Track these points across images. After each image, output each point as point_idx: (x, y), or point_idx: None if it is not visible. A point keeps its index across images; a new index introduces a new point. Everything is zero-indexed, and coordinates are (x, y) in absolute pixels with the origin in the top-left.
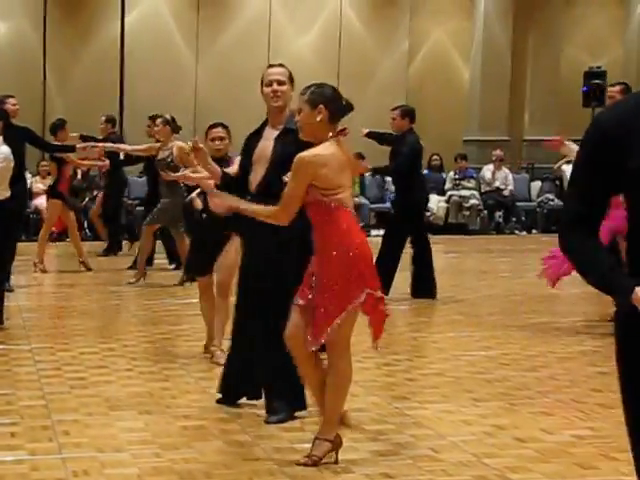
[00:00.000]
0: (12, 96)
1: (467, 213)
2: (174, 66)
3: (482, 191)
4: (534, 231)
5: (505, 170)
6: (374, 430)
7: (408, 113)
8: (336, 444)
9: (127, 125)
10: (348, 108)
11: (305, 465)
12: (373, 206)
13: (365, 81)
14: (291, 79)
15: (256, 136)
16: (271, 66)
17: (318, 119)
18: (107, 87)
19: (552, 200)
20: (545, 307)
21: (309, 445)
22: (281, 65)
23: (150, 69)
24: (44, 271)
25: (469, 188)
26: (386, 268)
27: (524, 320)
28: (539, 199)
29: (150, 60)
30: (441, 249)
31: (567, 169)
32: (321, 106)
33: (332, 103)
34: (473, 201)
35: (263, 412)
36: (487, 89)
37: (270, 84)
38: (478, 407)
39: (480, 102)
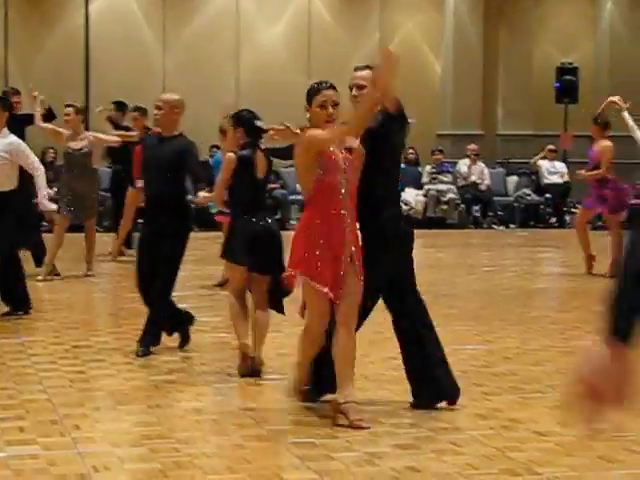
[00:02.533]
0: (19, 92)
1: (445, 207)
2: (141, 55)
3: (459, 185)
4: (512, 226)
5: (481, 164)
6: (390, 424)
7: None
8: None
9: (93, 115)
10: None
11: (360, 428)
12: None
13: (336, 74)
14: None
15: None
16: (356, 69)
17: None
18: (71, 76)
19: (529, 195)
20: (537, 301)
21: (328, 439)
22: (367, 67)
23: (116, 58)
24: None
25: (446, 182)
26: None
27: (519, 314)
28: (516, 194)
29: (116, 49)
30: (421, 243)
31: (543, 164)
32: None
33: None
34: (450, 195)
35: (274, 406)
36: (459, 83)
37: (350, 88)
38: (490, 401)
39: (452, 96)
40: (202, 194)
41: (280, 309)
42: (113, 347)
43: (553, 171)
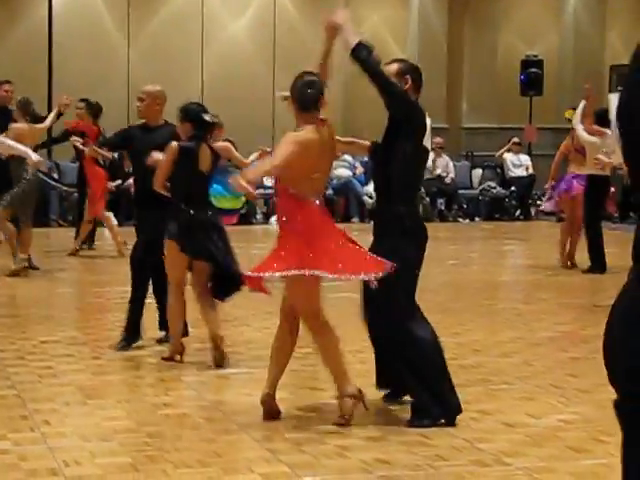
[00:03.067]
0: (8, 81)
1: None
2: (105, 49)
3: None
4: (477, 219)
5: (445, 157)
6: (360, 416)
7: None
8: (358, 397)
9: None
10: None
11: (340, 425)
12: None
13: (302, 67)
14: None
15: None
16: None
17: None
18: (35, 70)
19: (494, 188)
20: (503, 294)
21: (298, 432)
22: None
23: (80, 50)
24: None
25: None
26: None
27: (486, 307)
28: (481, 187)
29: (80, 41)
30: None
31: (508, 157)
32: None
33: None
34: None
35: (243, 399)
36: (424, 77)
37: None
38: (459, 393)
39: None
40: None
41: (222, 298)
42: (81, 342)
43: (518, 164)
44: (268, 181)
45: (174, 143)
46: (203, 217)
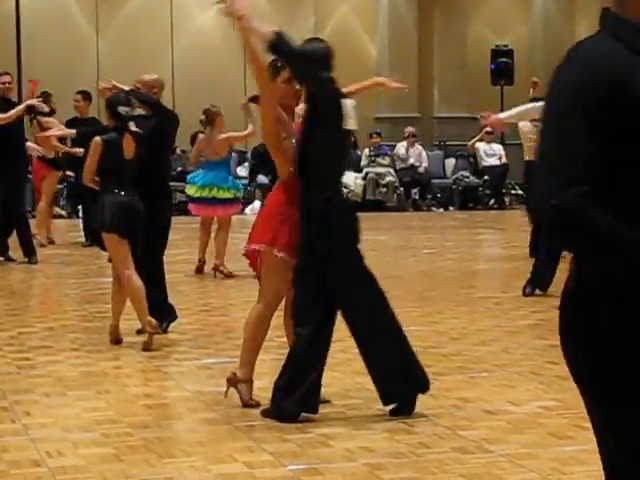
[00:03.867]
0: (7, 73)
1: (384, 190)
2: (74, 40)
3: (397, 168)
4: (451, 208)
5: (418, 147)
6: (342, 405)
7: None
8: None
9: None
10: None
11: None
12: None
13: (270, 57)
14: None
15: None
16: None
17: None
18: (3, 61)
19: (467, 177)
20: (480, 282)
21: (283, 423)
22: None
23: (48, 43)
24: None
25: (384, 165)
26: None
27: (463, 295)
28: (454, 176)
29: (48, 35)
30: (362, 226)
31: (480, 146)
32: None
33: None
34: (389, 178)
35: (224, 389)
36: (395, 66)
37: None
38: (439, 381)
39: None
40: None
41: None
42: (59, 333)
43: (491, 153)
44: (242, 171)
45: (97, 138)
46: (134, 202)
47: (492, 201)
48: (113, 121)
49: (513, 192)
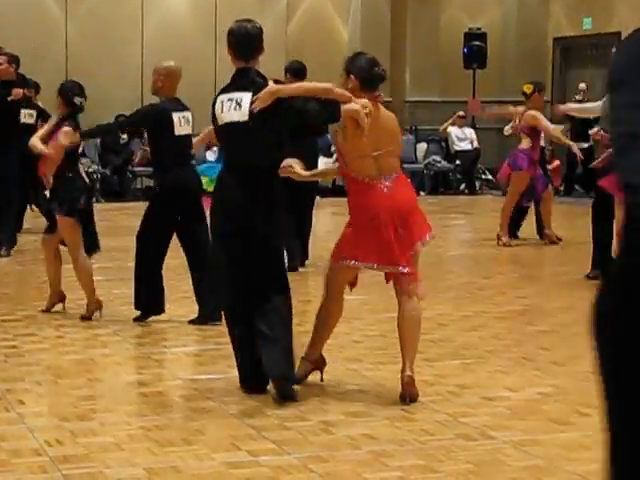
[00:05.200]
0: (6, 53)
1: None
2: (42, 21)
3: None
4: (422, 193)
5: None
6: (337, 392)
7: None
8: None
9: None
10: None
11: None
12: None
13: None
14: None
15: None
16: None
17: (349, 86)
18: None
19: (439, 162)
20: (460, 268)
21: (278, 409)
22: None
23: (16, 25)
24: None
25: None
26: None
27: (445, 281)
28: (426, 161)
29: (16, 17)
30: (329, 211)
31: (452, 130)
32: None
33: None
34: None
35: (216, 376)
36: (367, 50)
37: None
38: (433, 367)
39: None
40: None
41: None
42: (42, 321)
43: (462, 137)
44: (212, 157)
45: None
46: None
47: (463, 186)
48: (65, 109)
49: (483, 177)
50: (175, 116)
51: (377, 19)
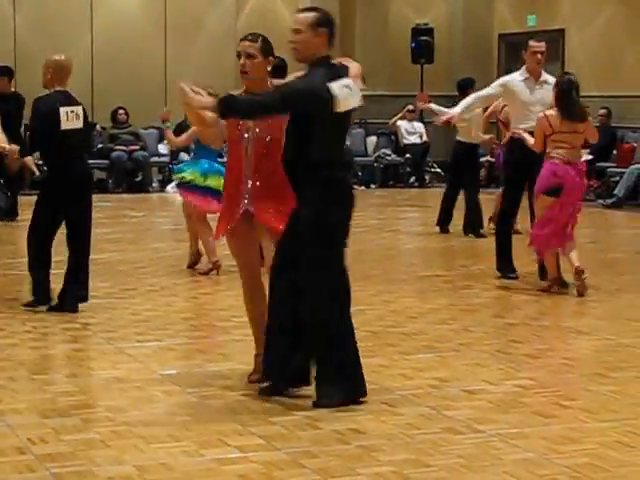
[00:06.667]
0: None
1: None
2: None
3: None
4: (372, 186)
5: None
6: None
7: None
8: None
9: None
10: None
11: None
12: None
13: (193, 32)
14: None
15: None
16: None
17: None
18: None
19: (389, 155)
20: (422, 261)
21: (263, 403)
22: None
23: None
24: None
25: None
26: None
27: (410, 274)
28: (375, 154)
29: None
30: None
31: (402, 124)
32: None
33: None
34: None
35: (192, 370)
36: None
37: None
38: (409, 360)
39: None
40: None
41: None
42: (8, 315)
43: (412, 131)
44: (164, 150)
45: None
46: None
47: (412, 179)
48: None
49: (433, 170)
50: (62, 110)
51: None
